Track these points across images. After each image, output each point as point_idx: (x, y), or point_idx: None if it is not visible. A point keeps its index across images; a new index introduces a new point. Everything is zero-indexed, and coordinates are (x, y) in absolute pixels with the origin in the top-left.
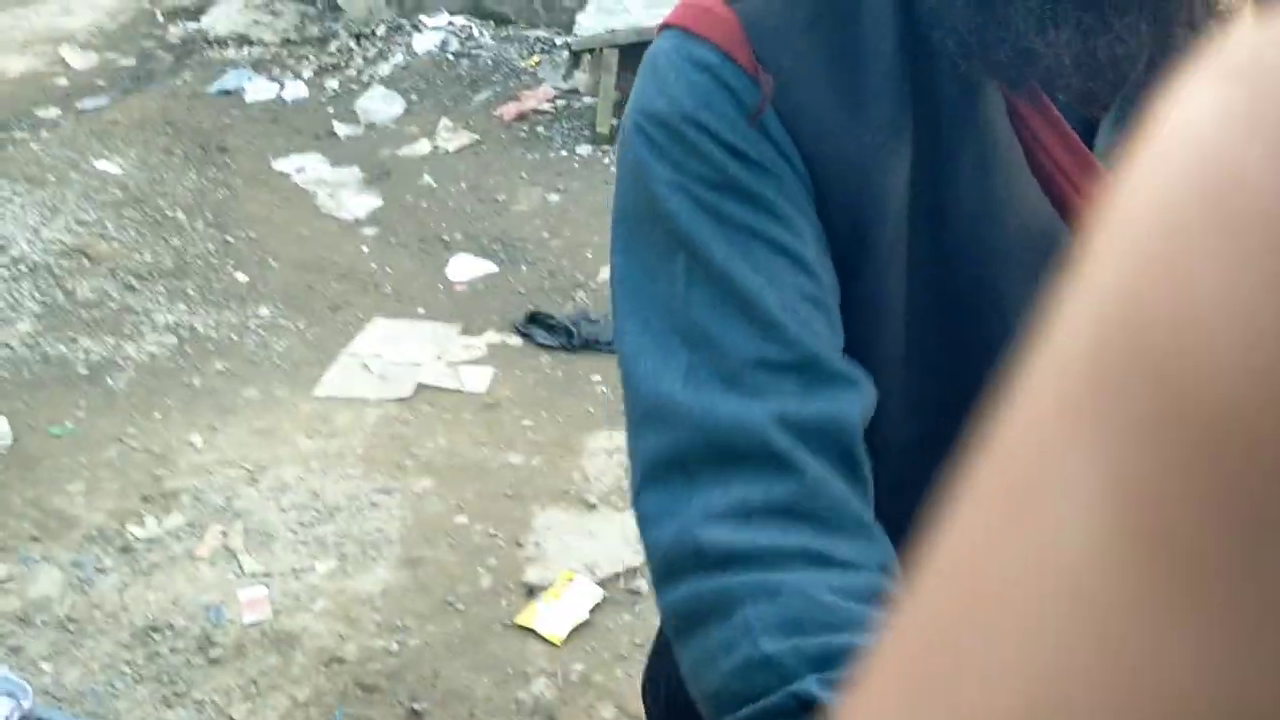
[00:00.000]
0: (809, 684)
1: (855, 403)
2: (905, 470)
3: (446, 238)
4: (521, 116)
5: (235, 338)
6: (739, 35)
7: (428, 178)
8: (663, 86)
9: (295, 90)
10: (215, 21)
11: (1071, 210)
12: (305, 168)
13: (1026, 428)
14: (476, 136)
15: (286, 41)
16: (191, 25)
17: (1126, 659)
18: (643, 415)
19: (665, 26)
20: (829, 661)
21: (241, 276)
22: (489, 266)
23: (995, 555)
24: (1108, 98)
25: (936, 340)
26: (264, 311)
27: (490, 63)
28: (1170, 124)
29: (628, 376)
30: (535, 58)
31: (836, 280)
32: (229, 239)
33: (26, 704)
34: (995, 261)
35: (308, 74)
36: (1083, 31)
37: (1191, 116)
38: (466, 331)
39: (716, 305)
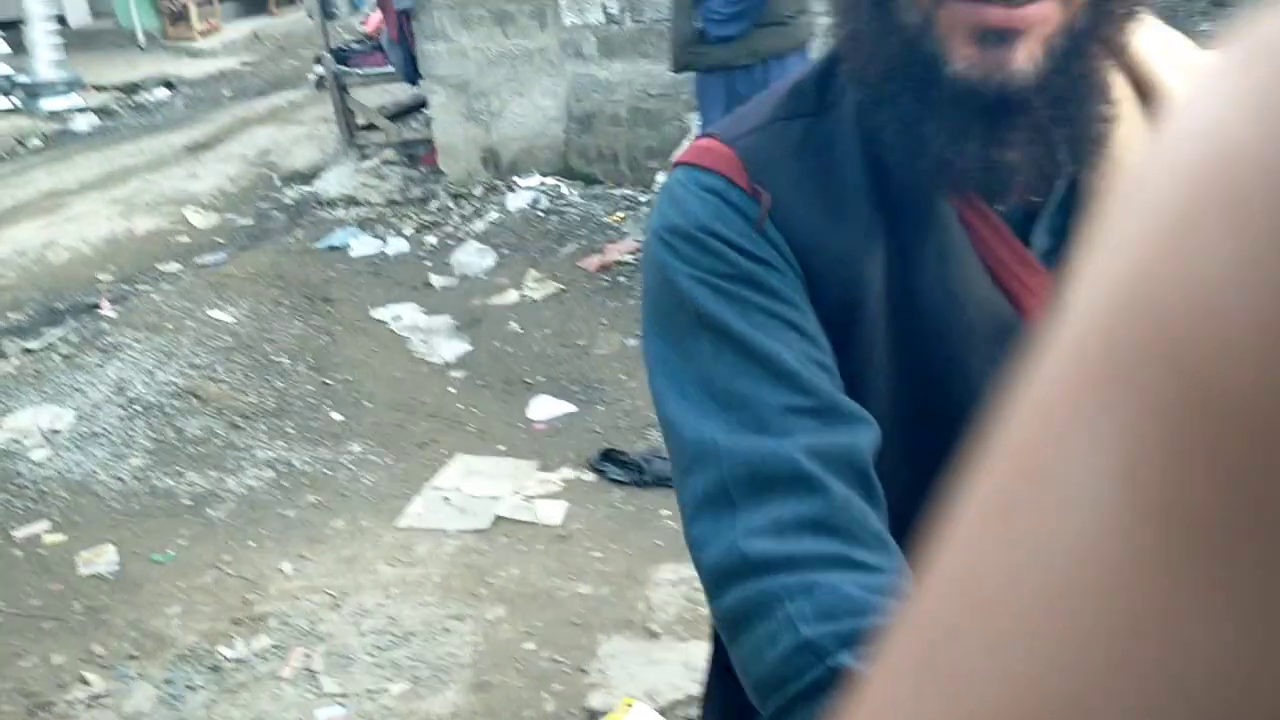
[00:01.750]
0: (844, 658)
1: (867, 436)
2: (899, 514)
3: (529, 380)
4: (604, 267)
5: (328, 472)
6: (738, 165)
7: (514, 324)
8: (680, 207)
9: (397, 245)
10: (327, 185)
11: (1016, 298)
12: (402, 316)
13: (1038, 412)
14: (562, 286)
15: (391, 202)
16: (305, 188)
17: (1141, 645)
18: (690, 462)
19: (677, 165)
20: (861, 639)
21: (337, 415)
22: (568, 407)
23: (1005, 541)
24: (1012, 196)
25: (918, 403)
26: (356, 448)
27: (578, 218)
28: (1185, 111)
29: (674, 437)
30: (620, 214)
31: (833, 352)
32: (327, 381)
33: None
34: (958, 338)
35: (409, 231)
36: (985, 145)
37: (1205, 103)
38: (544, 468)
39: (742, 370)
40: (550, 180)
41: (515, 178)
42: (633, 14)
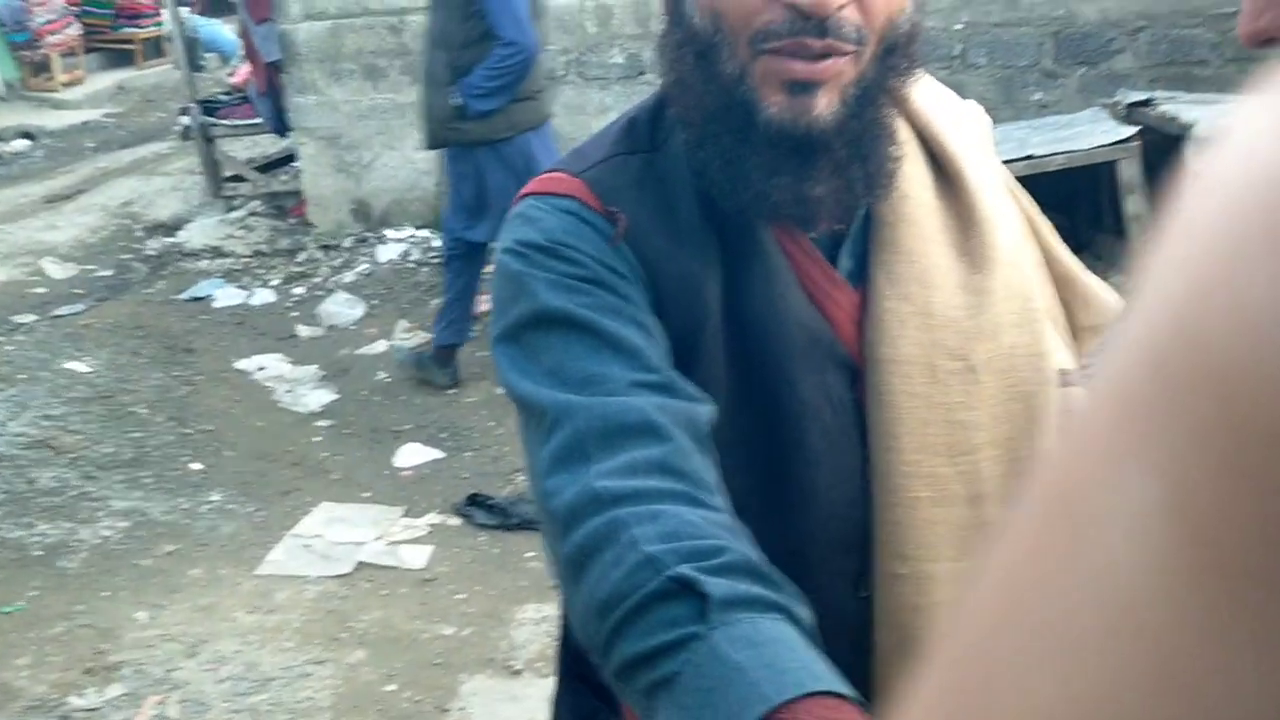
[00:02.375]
0: (683, 569)
1: (705, 411)
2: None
3: (397, 429)
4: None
5: (186, 521)
6: (588, 191)
7: (383, 374)
8: (535, 225)
9: (263, 296)
10: (191, 236)
11: (828, 314)
12: (266, 366)
13: (1083, 444)
14: (431, 335)
15: (257, 253)
16: (169, 240)
17: (1187, 673)
18: (549, 425)
19: (524, 195)
20: (701, 555)
21: (196, 465)
22: (435, 454)
23: (1048, 576)
24: (819, 223)
25: (753, 418)
26: (215, 497)
27: None
28: (1229, 147)
29: (529, 411)
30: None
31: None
32: (187, 431)
33: None
34: (783, 353)
35: (275, 281)
36: (795, 179)
37: (1249, 139)
38: (410, 514)
39: (592, 353)
40: (422, 232)
41: (386, 229)
42: None
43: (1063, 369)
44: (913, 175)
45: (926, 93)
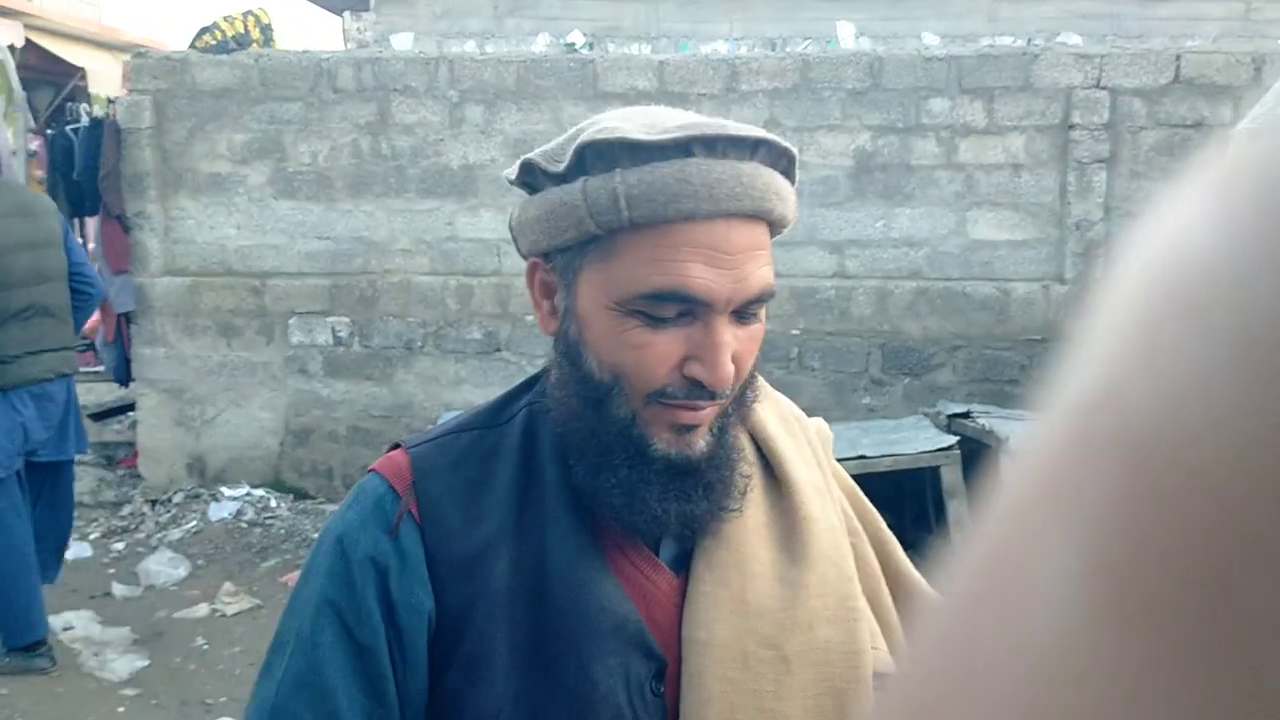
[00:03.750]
0: None
1: None
2: None
3: (210, 700)
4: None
5: None
6: (405, 470)
7: (201, 640)
8: (345, 511)
9: (78, 550)
10: None
11: (641, 597)
12: (74, 625)
13: (1012, 510)
14: (258, 601)
15: (78, 504)
16: None
17: None
18: None
19: (369, 470)
20: None
21: None
22: None
23: (979, 636)
24: (673, 529)
25: (538, 690)
26: None
27: (284, 532)
28: (1153, 232)
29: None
30: None
31: (408, 675)
32: None
33: None
34: (581, 633)
35: (95, 535)
36: (683, 501)
37: (1174, 221)
38: None
39: (299, 692)
40: (259, 491)
41: (222, 487)
42: (361, 339)
43: (884, 673)
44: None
45: (765, 401)
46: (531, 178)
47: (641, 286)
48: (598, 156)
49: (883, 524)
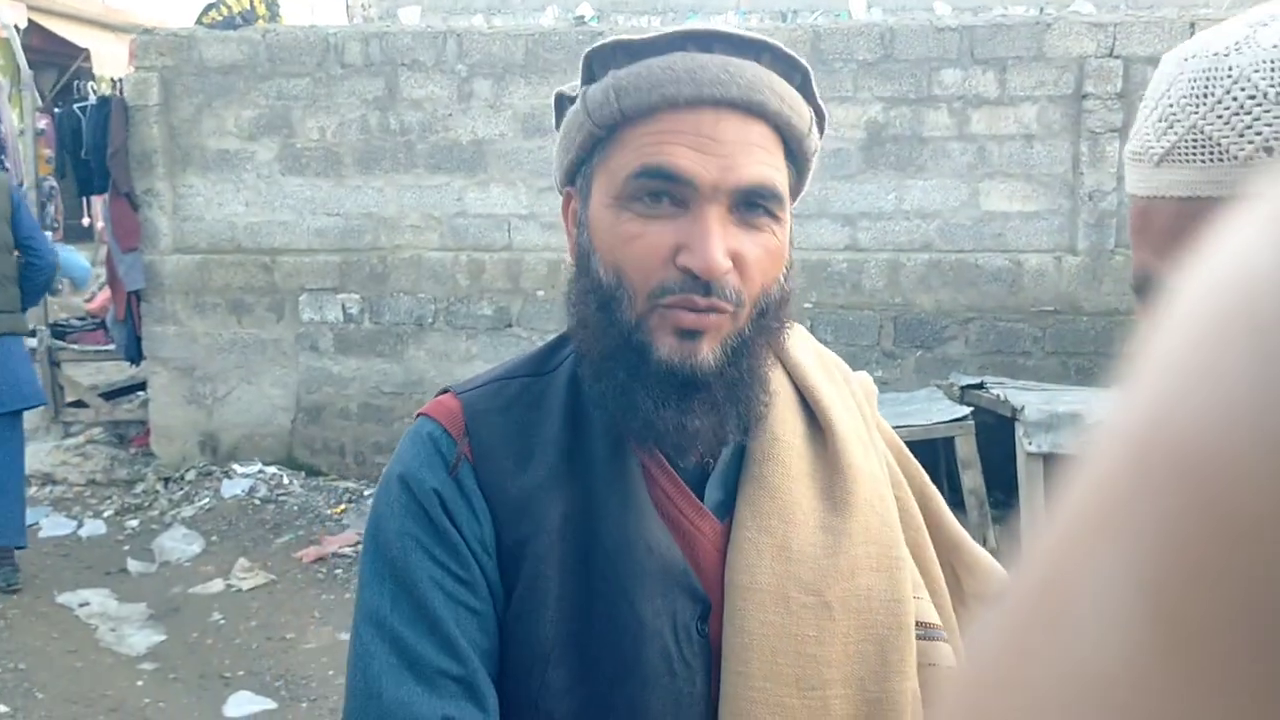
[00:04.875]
0: None
1: (492, 713)
2: None
3: (228, 674)
4: (321, 559)
5: None
6: (458, 414)
7: (217, 615)
8: (402, 454)
9: (93, 527)
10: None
11: (690, 541)
12: (90, 602)
13: (1067, 532)
14: (273, 577)
15: (91, 482)
16: None
17: None
18: (360, 704)
19: (419, 415)
20: None
21: (2, 708)
22: (268, 703)
23: (1028, 663)
24: (697, 455)
25: (588, 629)
26: None
27: (296, 509)
28: (1215, 255)
29: (350, 676)
30: (342, 506)
31: (491, 597)
32: None
33: None
34: (628, 575)
35: (109, 512)
36: (678, 412)
37: (1236, 245)
38: None
39: (413, 622)
40: (272, 469)
41: (235, 464)
42: (371, 315)
43: (927, 622)
44: (785, 420)
45: (807, 350)
46: (561, 108)
47: (630, 168)
48: (601, 64)
49: (927, 478)
